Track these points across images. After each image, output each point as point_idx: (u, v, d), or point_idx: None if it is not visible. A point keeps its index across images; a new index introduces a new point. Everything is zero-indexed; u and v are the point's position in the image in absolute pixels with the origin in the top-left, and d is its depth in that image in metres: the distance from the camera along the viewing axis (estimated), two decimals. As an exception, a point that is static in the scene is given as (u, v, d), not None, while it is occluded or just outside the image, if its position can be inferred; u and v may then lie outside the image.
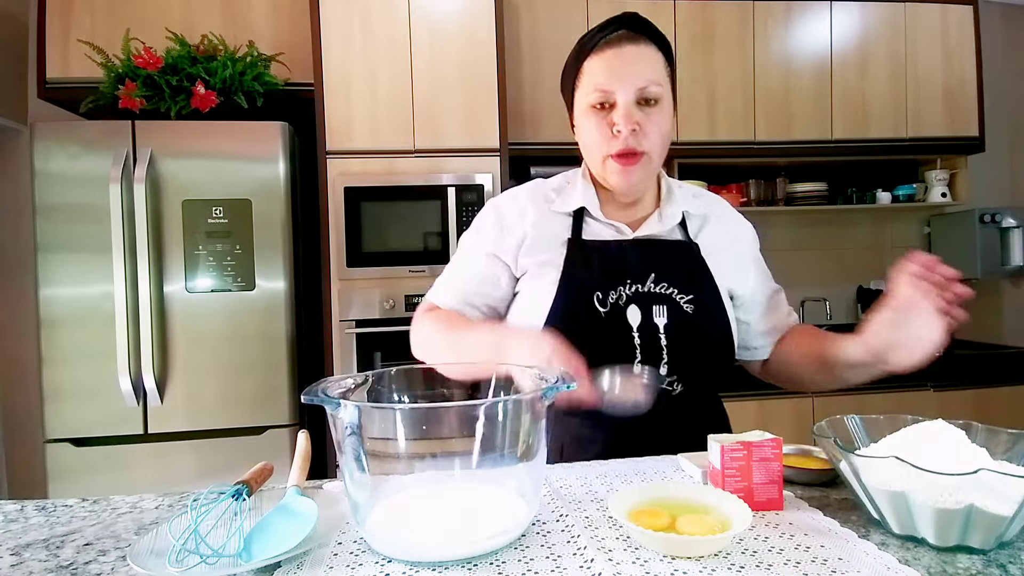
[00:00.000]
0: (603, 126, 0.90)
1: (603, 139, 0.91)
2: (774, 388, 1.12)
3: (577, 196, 0.98)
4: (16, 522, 0.72)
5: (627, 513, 0.62)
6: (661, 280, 0.94)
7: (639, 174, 0.92)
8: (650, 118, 0.90)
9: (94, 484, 1.89)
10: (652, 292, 0.93)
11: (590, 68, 0.91)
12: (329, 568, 0.57)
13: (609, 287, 0.92)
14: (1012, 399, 2.52)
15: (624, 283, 0.93)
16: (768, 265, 1.08)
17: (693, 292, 0.94)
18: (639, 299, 0.92)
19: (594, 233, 0.97)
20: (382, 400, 0.74)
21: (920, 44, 2.69)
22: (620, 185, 0.93)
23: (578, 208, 0.97)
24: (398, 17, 2.14)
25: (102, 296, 1.89)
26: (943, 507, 0.56)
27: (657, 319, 0.92)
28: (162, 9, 2.21)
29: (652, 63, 0.90)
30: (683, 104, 2.54)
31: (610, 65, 0.89)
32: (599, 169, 0.94)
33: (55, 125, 1.93)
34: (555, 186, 1.02)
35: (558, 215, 0.98)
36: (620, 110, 0.88)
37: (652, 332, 0.91)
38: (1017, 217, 2.78)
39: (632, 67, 0.89)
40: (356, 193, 2.11)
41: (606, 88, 0.89)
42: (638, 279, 0.93)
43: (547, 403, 0.64)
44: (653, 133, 0.90)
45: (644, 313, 0.92)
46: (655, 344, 0.91)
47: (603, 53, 0.90)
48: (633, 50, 0.89)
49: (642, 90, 0.88)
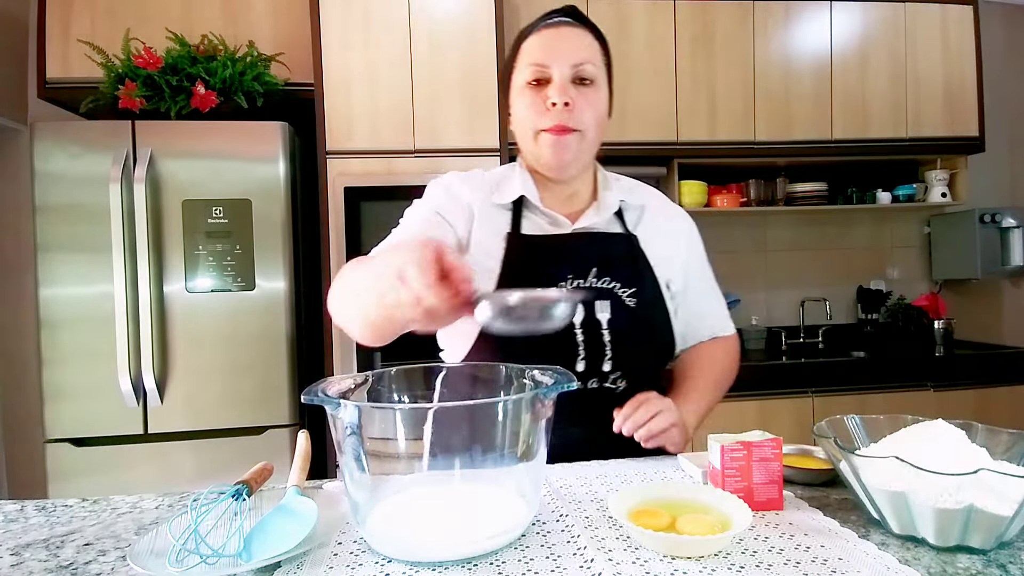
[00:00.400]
0: (537, 101, 0.90)
1: (536, 113, 0.90)
2: (774, 388, 1.12)
3: (516, 186, 0.96)
4: (16, 522, 0.72)
5: (627, 513, 0.62)
6: (603, 275, 0.93)
7: (572, 148, 0.90)
8: (585, 96, 0.89)
9: (94, 484, 1.89)
10: (594, 287, 0.92)
11: (527, 47, 0.92)
12: (329, 568, 0.57)
13: (549, 283, 0.90)
14: (1012, 399, 2.52)
15: (565, 278, 0.91)
16: (768, 265, 1.08)
17: (635, 286, 0.93)
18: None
19: (533, 225, 0.96)
20: (382, 400, 0.74)
21: (920, 44, 2.69)
22: (552, 159, 0.91)
23: (517, 199, 0.96)
24: (398, 17, 2.14)
25: (102, 296, 1.89)
26: (943, 507, 0.56)
27: (600, 314, 0.90)
28: (162, 9, 2.21)
29: (589, 46, 0.91)
30: (683, 104, 2.55)
31: (546, 43, 0.90)
32: (531, 146, 0.92)
33: (55, 125, 1.93)
34: (495, 178, 1.01)
35: (497, 207, 0.96)
36: (555, 84, 0.88)
37: (595, 328, 0.90)
38: (1017, 217, 2.78)
39: (568, 44, 0.89)
40: (356, 193, 2.11)
41: (542, 63, 0.89)
42: (579, 274, 0.92)
43: (548, 403, 0.64)
44: (587, 111, 0.90)
45: (586, 308, 0.90)
46: (598, 340, 0.90)
47: (541, 33, 0.91)
48: (571, 31, 0.90)
49: (577, 67, 0.88)
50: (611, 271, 0.93)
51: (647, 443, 0.85)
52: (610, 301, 0.91)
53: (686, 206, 2.62)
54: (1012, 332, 3.09)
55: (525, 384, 0.74)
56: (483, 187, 0.98)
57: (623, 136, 2.50)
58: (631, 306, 0.92)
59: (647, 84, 2.52)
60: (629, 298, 0.92)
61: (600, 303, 0.91)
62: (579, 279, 0.92)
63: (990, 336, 2.98)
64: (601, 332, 0.90)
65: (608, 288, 0.92)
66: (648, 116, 2.52)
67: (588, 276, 0.92)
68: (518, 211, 0.96)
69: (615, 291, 0.92)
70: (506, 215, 0.96)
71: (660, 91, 2.53)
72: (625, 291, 0.93)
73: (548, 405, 0.64)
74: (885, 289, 3.00)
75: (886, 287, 3.03)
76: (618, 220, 0.99)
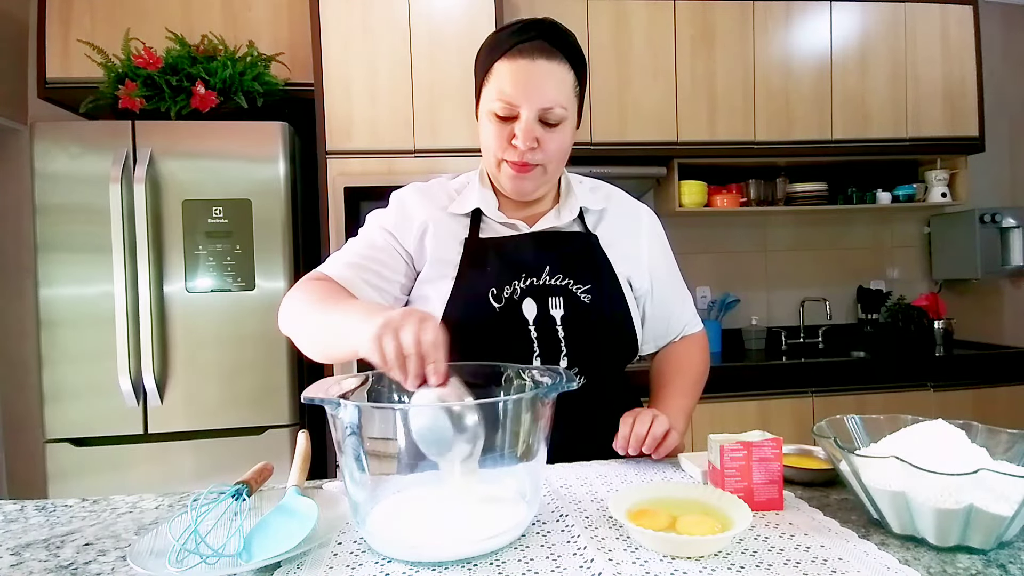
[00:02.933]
0: (502, 134, 0.90)
1: (500, 145, 0.90)
2: (774, 388, 1.12)
3: (473, 198, 0.98)
4: (16, 522, 0.72)
5: (627, 513, 0.62)
6: (556, 272, 0.94)
7: (532, 183, 0.93)
8: (551, 136, 0.89)
9: (94, 484, 1.89)
10: (547, 284, 0.93)
11: (499, 72, 0.88)
12: (329, 568, 0.57)
13: (504, 282, 0.92)
14: (1012, 399, 2.52)
15: (519, 277, 0.93)
16: (768, 265, 1.09)
17: (591, 282, 0.95)
18: (534, 292, 0.92)
19: (492, 231, 0.97)
20: (382, 400, 0.74)
21: (920, 44, 2.69)
22: (512, 189, 0.94)
23: (475, 209, 0.97)
24: (398, 17, 2.14)
25: (102, 296, 1.89)
26: (943, 507, 0.56)
27: (553, 311, 0.92)
28: (162, 9, 2.21)
29: (561, 83, 0.88)
30: (683, 104, 2.55)
31: (518, 78, 0.87)
32: (494, 170, 0.95)
33: (55, 125, 1.93)
34: (457, 187, 1.02)
35: (456, 216, 0.98)
36: (522, 125, 0.87)
37: (549, 324, 0.92)
38: (1017, 217, 2.78)
39: (541, 85, 0.87)
40: (356, 193, 2.11)
41: (511, 102, 0.87)
42: (533, 272, 0.93)
43: (548, 403, 0.64)
44: (551, 149, 0.90)
45: (540, 306, 0.92)
46: (552, 336, 0.91)
47: (515, 61, 0.87)
48: (545, 66, 0.87)
49: (546, 111, 0.87)
50: (565, 268, 0.95)
51: (657, 454, 0.86)
52: (563, 297, 0.93)
53: (686, 206, 2.62)
54: (1012, 332, 3.09)
55: (525, 384, 0.74)
56: (442, 197, 1.00)
57: (623, 136, 2.50)
58: (586, 302, 0.94)
59: (647, 84, 2.52)
60: (584, 294, 0.94)
61: (554, 299, 0.92)
62: (532, 278, 0.93)
63: (990, 336, 2.98)
64: (556, 329, 0.92)
65: (562, 285, 0.94)
66: (648, 116, 2.52)
67: (542, 275, 0.94)
68: (476, 218, 0.98)
69: (569, 288, 0.94)
70: (464, 222, 0.98)
71: (660, 91, 2.53)
72: (580, 287, 0.94)
73: (548, 405, 0.64)
74: (885, 289, 3.00)
75: (886, 287, 3.03)
76: (579, 222, 1.00)
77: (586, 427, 0.93)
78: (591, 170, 2.48)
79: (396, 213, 0.99)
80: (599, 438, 0.90)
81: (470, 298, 0.91)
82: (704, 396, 1.06)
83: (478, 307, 0.90)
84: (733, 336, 2.85)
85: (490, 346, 0.79)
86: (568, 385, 0.63)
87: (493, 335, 0.90)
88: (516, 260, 0.94)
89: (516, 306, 0.91)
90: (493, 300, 0.91)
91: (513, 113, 0.88)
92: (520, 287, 0.92)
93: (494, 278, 0.92)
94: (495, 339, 0.89)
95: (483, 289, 0.91)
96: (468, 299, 0.91)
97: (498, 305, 0.91)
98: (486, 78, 0.92)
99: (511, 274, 0.93)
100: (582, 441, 0.91)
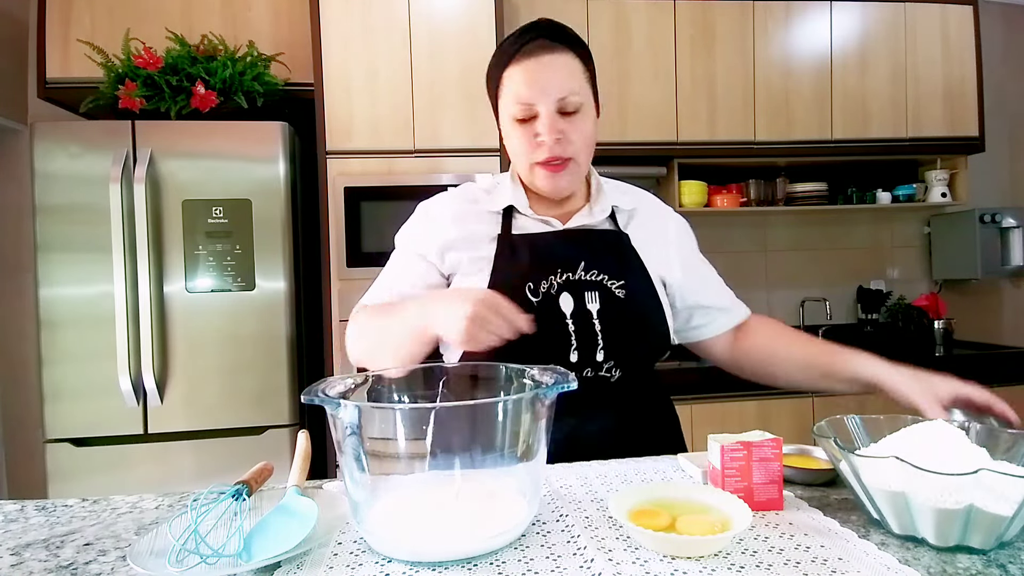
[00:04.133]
0: (527, 136, 0.92)
1: (528, 149, 0.92)
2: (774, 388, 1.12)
3: (506, 195, 0.99)
4: (16, 522, 0.72)
5: (627, 513, 0.62)
6: (591, 268, 0.95)
7: (566, 179, 0.95)
8: (573, 125, 0.92)
9: (94, 484, 1.89)
10: (583, 279, 0.94)
11: (511, 78, 0.92)
12: (329, 568, 0.57)
13: (540, 277, 0.93)
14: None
15: (555, 272, 0.94)
16: (768, 265, 1.09)
17: (624, 278, 0.96)
18: (570, 287, 0.93)
19: (524, 228, 0.99)
20: (382, 400, 0.74)
21: (920, 44, 2.69)
22: (548, 189, 0.96)
23: (507, 206, 0.99)
24: (398, 17, 2.14)
25: (102, 296, 1.89)
26: (943, 507, 0.56)
27: (590, 305, 0.93)
28: (162, 9, 2.21)
29: (570, 72, 0.91)
30: (683, 104, 2.55)
31: (528, 77, 0.90)
32: (527, 175, 0.97)
33: (55, 125, 1.93)
34: (485, 187, 1.04)
35: (488, 214, 0.99)
36: (543, 121, 0.90)
37: (586, 318, 0.93)
38: (1017, 217, 2.78)
39: (551, 77, 0.90)
40: (356, 193, 2.11)
41: (527, 101, 0.90)
42: (568, 267, 0.95)
43: (548, 403, 0.64)
44: (577, 139, 0.92)
45: (576, 300, 0.93)
46: (589, 330, 0.92)
47: (521, 63, 0.90)
48: (550, 60, 0.90)
49: (562, 101, 0.90)
50: (599, 264, 0.96)
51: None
52: (599, 292, 0.94)
53: (686, 206, 2.62)
54: (1012, 332, 3.09)
55: (525, 384, 0.74)
56: (473, 196, 1.02)
57: (623, 136, 2.50)
58: (620, 297, 0.95)
59: (647, 84, 2.52)
60: (618, 289, 0.95)
61: (590, 294, 0.94)
62: (568, 272, 0.94)
63: (990, 336, 2.98)
64: (592, 322, 0.93)
65: (597, 280, 0.95)
66: (648, 116, 2.52)
67: (577, 270, 0.95)
68: (508, 216, 0.99)
69: (604, 283, 0.95)
70: (497, 219, 0.99)
71: (660, 91, 2.53)
72: (614, 283, 0.95)
73: (548, 405, 0.64)
74: (885, 289, 3.00)
75: (886, 287, 3.03)
76: (610, 221, 1.02)
77: (623, 419, 0.94)
78: (591, 170, 2.48)
79: (423, 229, 1.01)
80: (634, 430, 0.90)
81: (507, 292, 0.91)
82: (704, 396, 1.06)
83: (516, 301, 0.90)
84: (733, 336, 2.84)
85: (528, 340, 0.78)
86: (568, 385, 0.63)
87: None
88: (551, 255, 0.95)
89: (553, 300, 0.92)
90: (530, 294, 0.92)
91: (532, 113, 0.90)
92: (556, 282, 0.93)
93: (530, 272, 0.93)
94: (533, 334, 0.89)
95: (519, 283, 0.92)
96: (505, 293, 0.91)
97: (535, 299, 0.92)
98: (500, 88, 0.94)
99: (547, 269, 0.94)
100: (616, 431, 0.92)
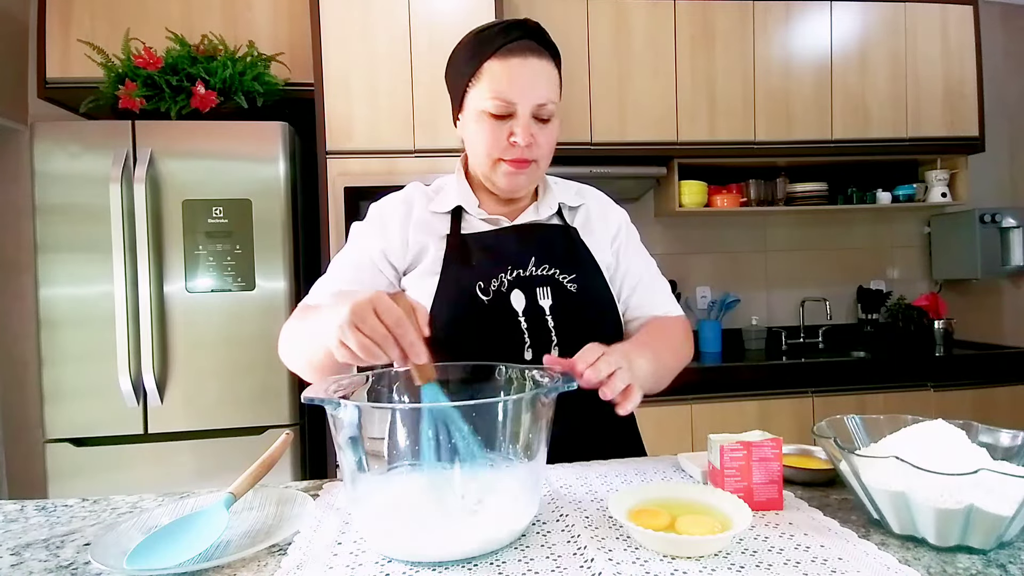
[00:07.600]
0: (498, 133, 0.91)
1: (498, 145, 0.91)
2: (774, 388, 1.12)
3: (453, 196, 0.99)
4: (16, 522, 0.72)
5: (627, 513, 0.62)
6: (542, 262, 0.95)
7: (527, 179, 0.95)
8: (544, 132, 0.92)
9: (94, 484, 1.89)
10: (534, 275, 0.94)
11: (491, 71, 0.89)
12: (329, 568, 0.57)
13: (490, 275, 0.93)
14: (1012, 399, 2.52)
15: (505, 269, 0.93)
16: (768, 265, 1.09)
17: (575, 272, 0.96)
18: (521, 283, 0.93)
19: (473, 228, 0.98)
20: (382, 400, 0.74)
21: (920, 44, 2.69)
22: (506, 187, 0.95)
23: (455, 207, 0.98)
24: (398, 17, 2.14)
25: (102, 296, 1.89)
26: (943, 507, 0.56)
27: (542, 301, 0.93)
28: (162, 9, 2.21)
29: (551, 81, 0.92)
30: (683, 104, 2.55)
31: (514, 75, 0.88)
32: (486, 170, 0.95)
33: (55, 125, 1.93)
34: (434, 188, 1.04)
35: (437, 215, 0.99)
36: (520, 122, 0.89)
37: (538, 315, 0.92)
38: (1017, 217, 2.78)
39: (535, 82, 0.89)
40: (356, 193, 2.11)
41: (508, 99, 0.89)
42: (519, 264, 0.94)
43: (548, 403, 0.64)
44: (544, 145, 0.93)
45: (528, 297, 0.93)
46: (542, 326, 0.92)
47: (507, 60, 0.89)
48: (537, 64, 0.90)
49: (540, 107, 0.90)
50: (550, 259, 0.96)
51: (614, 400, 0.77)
52: (551, 288, 0.94)
53: (686, 206, 2.61)
54: (1012, 332, 3.09)
55: (525, 384, 0.74)
56: (420, 198, 1.01)
57: (623, 136, 2.50)
58: (572, 291, 0.95)
59: (647, 84, 2.52)
60: (570, 284, 0.95)
61: (541, 290, 0.93)
62: (518, 269, 0.94)
63: (990, 336, 2.98)
64: (545, 319, 0.92)
65: (548, 275, 0.95)
66: (648, 116, 2.52)
67: (528, 266, 0.95)
68: (457, 217, 0.99)
69: (555, 277, 0.95)
70: (445, 219, 0.99)
71: (660, 91, 2.53)
72: (565, 277, 0.95)
73: (548, 405, 0.64)
74: (885, 289, 3.00)
75: (886, 287, 3.03)
76: (558, 217, 1.02)
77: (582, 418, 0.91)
78: (591, 170, 2.48)
79: (375, 226, 1.00)
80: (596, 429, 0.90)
81: (457, 293, 0.92)
82: (704, 396, 1.05)
83: (466, 301, 0.91)
84: (733, 336, 2.85)
85: (481, 339, 0.79)
86: (568, 385, 0.63)
87: (483, 328, 0.90)
88: (501, 253, 0.95)
89: (504, 298, 0.92)
90: (481, 293, 0.92)
91: (509, 111, 0.89)
92: (507, 279, 0.93)
93: (480, 272, 0.93)
94: (486, 332, 0.90)
95: (470, 283, 0.92)
96: (455, 294, 0.92)
97: (486, 298, 0.91)
98: (474, 79, 0.92)
99: (497, 267, 0.93)
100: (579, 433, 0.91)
